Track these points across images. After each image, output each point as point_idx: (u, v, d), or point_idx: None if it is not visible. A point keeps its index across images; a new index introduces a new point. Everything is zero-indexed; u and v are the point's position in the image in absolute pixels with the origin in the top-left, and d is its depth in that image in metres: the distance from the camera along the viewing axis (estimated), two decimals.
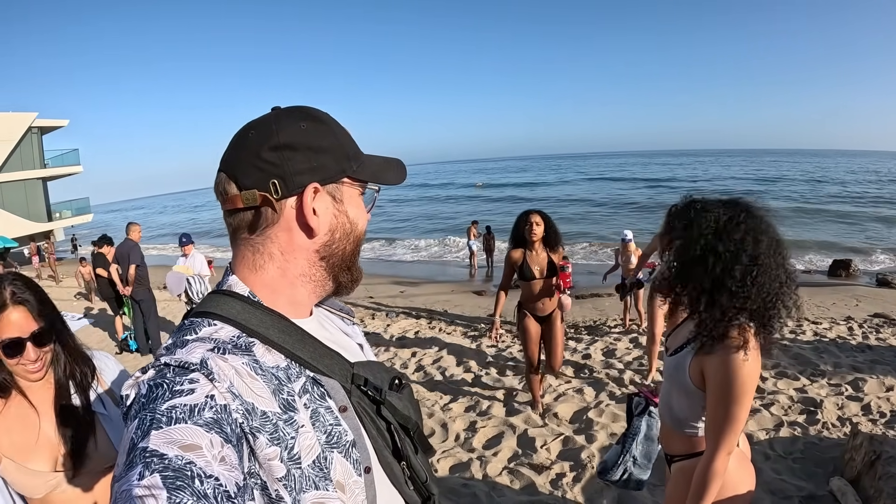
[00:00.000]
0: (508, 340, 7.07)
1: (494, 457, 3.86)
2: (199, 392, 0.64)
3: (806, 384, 4.85)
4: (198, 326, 0.75)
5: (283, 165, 0.77)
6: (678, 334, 1.78)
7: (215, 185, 0.81)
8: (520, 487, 3.46)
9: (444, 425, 4.45)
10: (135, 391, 0.66)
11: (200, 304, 0.80)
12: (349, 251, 0.87)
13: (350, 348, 0.92)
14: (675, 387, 1.70)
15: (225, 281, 0.84)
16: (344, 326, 0.99)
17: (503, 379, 5.50)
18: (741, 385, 1.48)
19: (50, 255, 19.49)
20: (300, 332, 0.80)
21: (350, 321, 1.04)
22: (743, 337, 1.50)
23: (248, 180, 0.77)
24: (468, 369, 5.88)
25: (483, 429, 4.34)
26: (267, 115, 0.82)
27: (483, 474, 3.64)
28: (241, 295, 0.80)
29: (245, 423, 0.66)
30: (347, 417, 0.78)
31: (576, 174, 73.58)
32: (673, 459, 1.80)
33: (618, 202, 36.43)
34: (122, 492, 0.53)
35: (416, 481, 0.88)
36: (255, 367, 0.72)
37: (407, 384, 0.92)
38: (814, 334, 6.69)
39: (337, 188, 0.83)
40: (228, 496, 0.57)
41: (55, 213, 32.00)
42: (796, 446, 3.73)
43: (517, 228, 4.29)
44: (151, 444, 0.57)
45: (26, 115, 28.74)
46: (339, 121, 0.87)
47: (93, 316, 10.32)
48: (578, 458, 3.70)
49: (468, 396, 5.09)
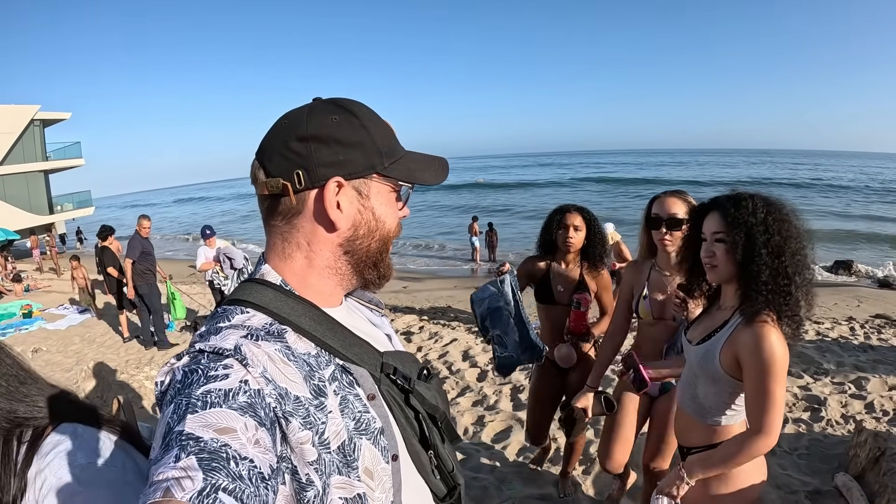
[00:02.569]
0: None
1: (503, 451, 3.90)
2: (233, 377, 0.65)
3: (810, 382, 4.90)
4: (231, 314, 0.77)
5: (308, 157, 0.78)
6: (700, 325, 1.83)
7: (251, 170, 0.83)
8: (529, 480, 3.50)
9: (452, 419, 4.46)
10: (170, 377, 0.67)
11: (234, 292, 0.82)
12: (374, 248, 0.87)
13: (378, 338, 0.93)
14: (703, 375, 1.74)
15: (259, 269, 0.85)
16: (373, 317, 1.00)
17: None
18: (779, 362, 1.52)
19: (51, 247, 19.50)
20: (330, 320, 0.82)
21: (379, 312, 1.05)
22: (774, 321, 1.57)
23: (274, 168, 0.79)
24: (474, 364, 5.92)
25: (491, 423, 4.38)
26: (303, 106, 0.82)
27: (492, 467, 3.68)
28: (274, 283, 0.81)
29: (278, 408, 0.67)
30: (376, 405, 0.80)
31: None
32: (690, 451, 1.83)
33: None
34: (159, 473, 0.54)
35: (443, 470, 0.90)
36: (288, 354, 0.73)
37: (436, 374, 0.91)
38: (816, 333, 6.74)
39: (364, 183, 0.82)
40: (263, 478, 0.59)
41: (57, 206, 31.96)
42: (801, 442, 3.78)
43: (547, 230, 3.04)
44: (187, 427, 0.58)
45: (28, 108, 28.70)
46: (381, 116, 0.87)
47: (97, 310, 10.33)
48: (587, 452, 3.74)
49: (475, 391, 5.13)
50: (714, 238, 1.68)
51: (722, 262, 1.67)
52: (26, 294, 12.76)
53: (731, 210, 1.64)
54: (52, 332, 8.87)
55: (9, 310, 10.40)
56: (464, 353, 6.36)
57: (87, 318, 9.81)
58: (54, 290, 13.55)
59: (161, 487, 0.52)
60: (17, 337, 8.64)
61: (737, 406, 1.71)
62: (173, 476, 0.53)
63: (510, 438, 4.08)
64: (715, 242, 1.68)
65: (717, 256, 1.68)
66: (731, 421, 1.73)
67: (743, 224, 1.60)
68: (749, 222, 1.60)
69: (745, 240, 1.60)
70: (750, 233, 1.59)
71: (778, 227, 1.58)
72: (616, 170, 75.67)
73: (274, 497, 0.60)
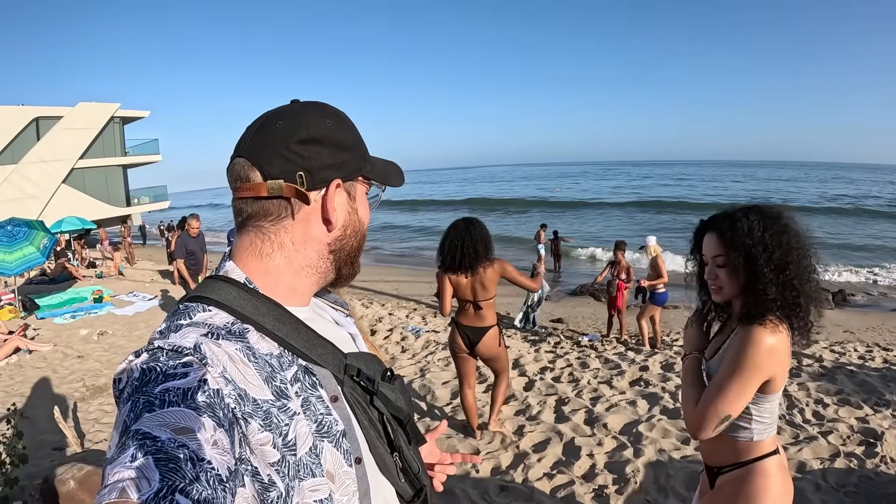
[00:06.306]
0: (567, 346, 7.06)
1: (538, 462, 3.89)
2: (192, 376, 0.63)
3: (869, 414, 4.64)
4: (192, 311, 0.75)
5: (311, 159, 0.79)
6: (714, 341, 1.81)
7: (230, 169, 0.82)
8: (560, 496, 3.47)
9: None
10: (127, 375, 0.65)
11: (196, 288, 0.80)
12: (355, 247, 0.89)
13: (343, 338, 0.92)
14: None
15: (222, 266, 0.85)
16: (337, 317, 1.00)
17: (557, 385, 5.49)
18: (751, 362, 1.51)
19: (125, 238, 20.38)
20: (295, 320, 0.81)
21: (344, 312, 1.04)
22: (776, 325, 1.55)
23: (273, 169, 0.79)
24: (523, 373, 5.91)
25: (530, 433, 4.36)
26: (292, 107, 0.83)
27: (524, 478, 3.67)
28: (238, 281, 0.80)
29: (237, 409, 0.66)
30: (338, 407, 0.79)
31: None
32: (720, 471, 1.75)
33: None
34: (115, 473, 0.53)
35: (409, 472, 0.89)
36: (249, 354, 0.72)
37: (398, 376, 0.91)
38: (883, 361, 6.39)
39: (353, 185, 0.86)
40: (220, 480, 0.57)
41: (134, 199, 33.73)
42: (850, 479, 3.57)
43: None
44: (144, 426, 0.56)
45: (109, 106, 30.49)
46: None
47: (167, 298, 10.84)
48: (623, 472, 3.67)
49: (519, 400, 5.12)
50: (715, 262, 1.67)
51: (726, 283, 1.66)
52: (99, 280, 13.46)
53: (727, 232, 1.62)
54: (120, 318, 9.32)
55: (81, 294, 10.99)
56: (515, 360, 6.34)
57: (153, 306, 10.25)
58: (126, 278, 14.24)
59: (116, 488, 0.51)
60: (86, 320, 9.14)
61: (762, 419, 1.64)
62: (129, 476, 0.52)
63: (546, 451, 4.05)
64: (717, 267, 1.67)
65: (721, 279, 1.66)
66: (760, 436, 1.66)
67: (741, 246, 1.59)
68: (746, 244, 1.58)
69: (745, 262, 1.58)
70: (749, 254, 1.57)
71: (777, 241, 1.56)
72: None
73: (232, 499, 0.59)
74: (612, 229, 29.00)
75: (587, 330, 8.81)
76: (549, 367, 6.17)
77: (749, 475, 1.65)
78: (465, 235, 3.80)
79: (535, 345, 7.34)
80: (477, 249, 3.76)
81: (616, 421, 4.56)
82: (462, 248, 3.77)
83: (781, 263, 1.56)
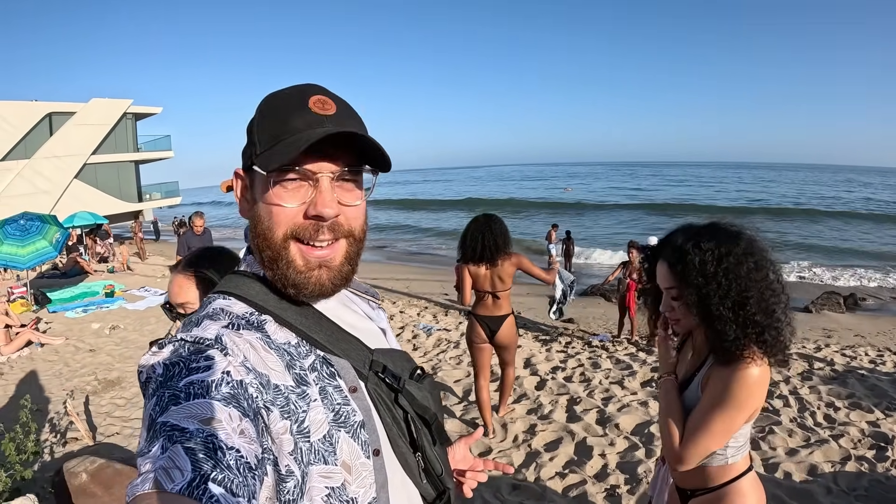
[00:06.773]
0: (579, 347, 7.06)
1: (550, 462, 3.88)
2: (215, 368, 0.64)
3: (880, 418, 4.59)
4: (213, 304, 0.77)
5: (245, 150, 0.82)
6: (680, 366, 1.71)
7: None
8: (572, 495, 3.47)
9: (504, 426, 4.50)
10: (152, 369, 0.66)
11: (221, 283, 0.81)
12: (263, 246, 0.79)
13: (372, 332, 0.91)
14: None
15: (243, 261, 0.86)
16: (368, 310, 0.98)
17: (568, 385, 5.48)
18: (736, 398, 1.41)
19: (136, 233, 20.46)
20: (318, 314, 0.81)
21: (376, 304, 1.02)
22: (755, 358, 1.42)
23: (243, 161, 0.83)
24: (535, 372, 5.90)
25: (542, 433, 4.35)
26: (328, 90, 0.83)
27: (535, 477, 3.67)
28: (258, 275, 0.81)
29: (259, 398, 0.67)
30: (357, 398, 0.78)
31: None
32: (693, 494, 1.65)
33: None
34: (147, 464, 0.54)
35: (431, 474, 0.87)
36: (268, 342, 0.73)
37: (428, 375, 0.90)
38: (894, 365, 6.30)
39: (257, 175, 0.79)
40: (250, 467, 0.58)
41: (145, 195, 33.84)
42: (861, 482, 3.54)
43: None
44: (171, 418, 0.57)
45: (122, 102, 30.63)
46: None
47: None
48: (634, 472, 3.66)
49: (531, 399, 5.12)
50: (669, 294, 1.56)
51: (683, 316, 1.54)
52: (110, 275, 13.55)
53: (676, 265, 1.49)
54: (131, 312, 9.37)
55: (93, 288, 11.10)
56: (526, 360, 6.33)
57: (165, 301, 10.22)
58: (137, 273, 14.32)
59: (149, 479, 0.52)
60: (97, 314, 9.21)
61: (736, 443, 1.55)
62: (161, 466, 0.53)
63: (558, 450, 4.05)
64: (671, 299, 1.56)
65: (677, 311, 1.55)
66: (734, 458, 1.57)
67: (693, 285, 1.45)
68: (697, 283, 1.44)
69: (698, 301, 1.45)
70: (701, 293, 1.44)
71: (735, 274, 1.41)
72: None
73: (261, 486, 0.60)
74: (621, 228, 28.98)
75: (598, 330, 8.78)
76: (561, 366, 6.16)
77: (724, 498, 1.56)
78: (486, 229, 3.95)
79: (547, 344, 7.32)
80: (497, 242, 3.92)
81: (628, 421, 4.54)
82: (483, 240, 3.93)
83: (740, 300, 1.41)
